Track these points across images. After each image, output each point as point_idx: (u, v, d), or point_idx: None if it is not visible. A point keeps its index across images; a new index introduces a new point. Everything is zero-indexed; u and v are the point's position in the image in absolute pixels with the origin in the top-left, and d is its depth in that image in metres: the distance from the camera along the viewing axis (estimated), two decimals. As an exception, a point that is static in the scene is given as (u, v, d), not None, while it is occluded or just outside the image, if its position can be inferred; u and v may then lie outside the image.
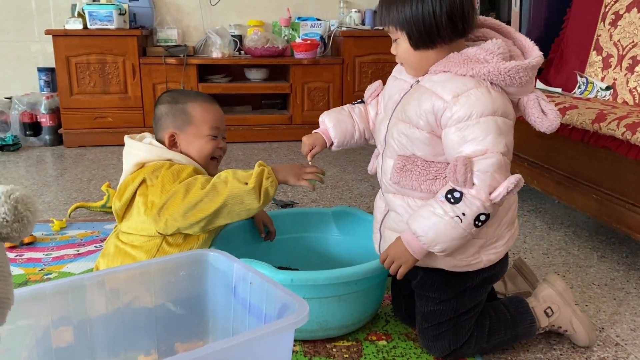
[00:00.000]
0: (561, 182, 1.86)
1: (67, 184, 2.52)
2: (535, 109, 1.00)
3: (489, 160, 0.93)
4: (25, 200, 0.59)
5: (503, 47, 0.99)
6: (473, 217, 0.95)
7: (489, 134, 0.94)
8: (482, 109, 0.94)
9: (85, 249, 1.74)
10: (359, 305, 1.20)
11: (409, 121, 1.03)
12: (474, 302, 1.12)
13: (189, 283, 1.08)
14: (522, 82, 0.98)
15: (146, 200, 1.18)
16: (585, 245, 1.81)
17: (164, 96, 1.31)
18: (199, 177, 1.18)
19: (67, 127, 3.27)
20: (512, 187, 0.94)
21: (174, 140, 1.26)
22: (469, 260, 1.06)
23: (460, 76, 0.98)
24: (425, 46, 1.02)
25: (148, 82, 3.27)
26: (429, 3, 0.98)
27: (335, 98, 3.47)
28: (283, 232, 1.48)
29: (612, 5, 2.24)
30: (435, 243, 0.98)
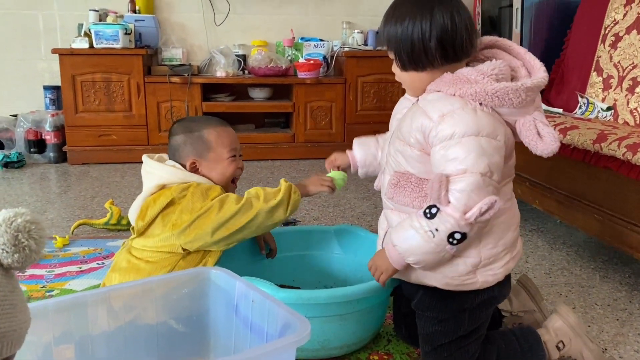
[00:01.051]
0: (562, 202, 1.87)
1: (70, 201, 2.53)
2: (530, 132, 0.99)
3: (466, 180, 0.94)
4: (28, 227, 0.57)
5: (499, 69, 1.00)
6: (446, 234, 0.96)
7: (469, 153, 0.94)
8: (465, 129, 0.95)
9: (87, 266, 1.74)
10: (360, 324, 1.20)
11: (403, 139, 1.05)
12: (474, 325, 1.10)
13: (191, 300, 1.08)
14: (514, 104, 0.97)
15: (172, 218, 1.19)
16: (588, 265, 1.81)
17: (177, 127, 1.34)
18: (231, 194, 1.22)
19: (71, 144, 3.29)
20: (485, 208, 0.93)
21: (195, 167, 1.29)
22: (462, 279, 1.04)
23: (449, 96, 1.00)
24: (413, 68, 1.04)
25: (152, 101, 3.30)
26: (419, 25, 1.00)
27: (337, 117, 3.49)
28: (285, 250, 1.48)
29: (612, 28, 2.27)
30: (409, 254, 1.00)
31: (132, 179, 2.97)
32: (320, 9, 3.81)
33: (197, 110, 3.34)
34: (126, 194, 2.64)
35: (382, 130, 1.27)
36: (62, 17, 3.55)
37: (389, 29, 1.04)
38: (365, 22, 3.81)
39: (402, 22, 1.02)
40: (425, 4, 1.01)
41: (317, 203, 2.51)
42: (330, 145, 3.50)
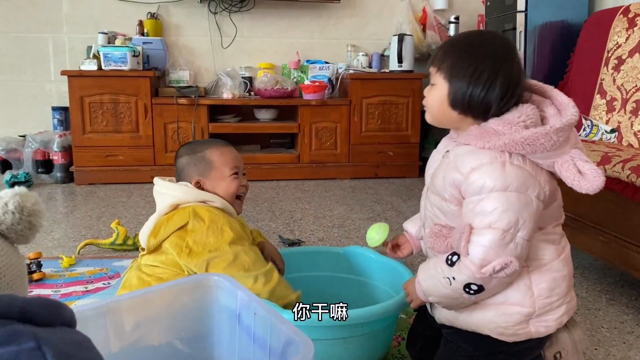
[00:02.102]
0: (567, 224, 1.85)
1: (76, 221, 2.55)
2: (570, 172, 0.95)
3: (487, 235, 0.94)
4: (37, 211, 0.62)
5: (526, 114, 0.97)
6: (462, 284, 0.96)
7: (495, 209, 0.94)
8: (492, 184, 0.94)
9: (93, 285, 1.75)
10: (365, 348, 1.20)
11: (438, 194, 1.05)
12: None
13: (193, 308, 1.08)
14: (547, 147, 0.94)
15: (183, 243, 1.21)
16: (594, 288, 1.80)
17: (182, 149, 1.39)
18: (250, 253, 1.21)
19: (78, 164, 3.32)
20: (498, 268, 0.93)
21: (199, 186, 1.32)
22: (515, 329, 1.02)
23: (479, 149, 0.98)
24: (457, 109, 1.02)
25: (159, 122, 3.34)
26: (481, 85, 0.98)
27: (342, 138, 3.52)
28: (293, 271, 1.48)
29: (615, 50, 2.29)
30: (429, 293, 1.04)
31: (138, 199, 2.98)
32: (326, 32, 3.86)
33: (204, 131, 3.37)
34: (132, 214, 2.66)
35: (386, 150, 1.28)
36: (71, 40, 3.62)
37: (454, 62, 1.01)
38: (370, 45, 3.86)
39: (471, 66, 0.99)
40: (500, 59, 0.99)
41: (321, 224, 2.52)
42: (335, 166, 3.52)
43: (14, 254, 0.60)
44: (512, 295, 1.00)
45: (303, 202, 2.94)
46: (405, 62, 3.55)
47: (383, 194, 3.13)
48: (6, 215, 0.59)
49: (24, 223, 0.59)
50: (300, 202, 2.93)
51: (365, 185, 3.37)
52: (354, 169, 3.55)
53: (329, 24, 3.85)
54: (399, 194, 3.15)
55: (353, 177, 3.55)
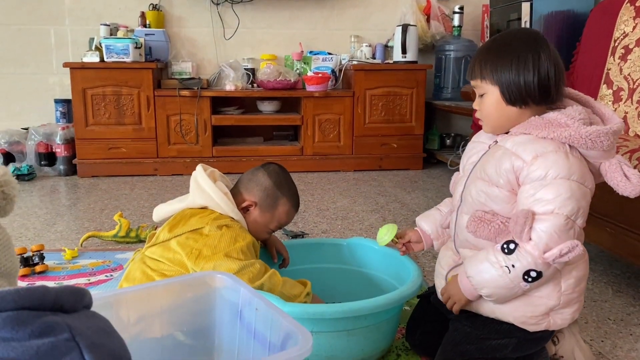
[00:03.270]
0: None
1: (79, 214, 2.54)
2: (617, 174, 1.01)
3: (552, 220, 0.96)
4: (8, 181, 0.64)
5: (584, 114, 1.03)
6: (522, 271, 0.98)
7: (559, 195, 0.96)
8: (558, 171, 0.97)
9: (96, 278, 1.74)
10: (369, 340, 1.18)
11: (489, 179, 1.06)
12: (515, 354, 1.09)
13: (196, 304, 1.07)
14: (604, 147, 1.00)
15: (195, 245, 1.20)
16: (600, 280, 1.78)
17: (275, 172, 1.36)
18: (257, 264, 1.20)
19: (81, 157, 3.32)
20: (565, 251, 0.95)
21: (248, 207, 1.33)
22: (538, 319, 1.06)
23: (540, 139, 1.01)
24: (512, 104, 1.06)
25: (162, 114, 3.33)
26: (530, 64, 1.02)
27: (346, 130, 3.50)
28: (297, 263, 1.47)
29: (622, 40, 2.26)
30: (482, 286, 1.03)
31: (141, 191, 2.98)
32: (329, 23, 3.83)
33: (206, 123, 3.36)
34: (135, 207, 2.65)
35: (390, 142, 1.27)
36: (73, 32, 3.60)
37: (494, 65, 1.05)
38: (373, 35, 3.83)
39: (512, 59, 1.03)
40: (534, 44, 1.04)
41: (325, 216, 2.51)
42: (339, 158, 3.50)
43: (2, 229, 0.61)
44: (543, 288, 1.03)
45: (306, 194, 2.93)
46: (409, 52, 3.52)
47: (387, 186, 3.12)
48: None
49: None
50: (303, 195, 2.91)
51: (368, 177, 3.35)
52: (358, 161, 3.53)
53: (332, 15, 3.82)
54: (403, 186, 3.13)
55: (356, 169, 3.53)
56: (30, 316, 0.46)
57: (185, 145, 3.38)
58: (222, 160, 3.39)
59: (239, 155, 3.45)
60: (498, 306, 1.06)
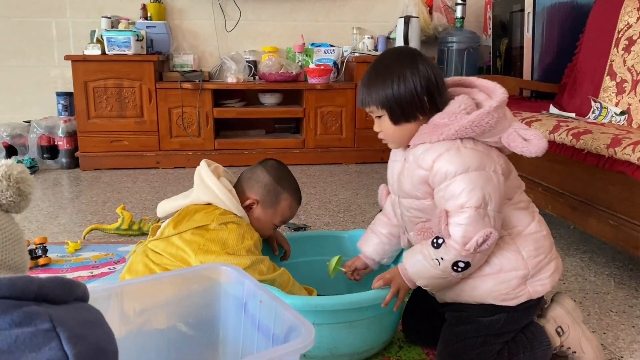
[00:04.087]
0: (576, 208, 1.84)
1: (82, 207, 2.55)
2: (517, 141, 1.05)
3: (463, 214, 1.02)
4: (25, 179, 0.64)
5: (464, 103, 1.07)
6: (450, 263, 1.04)
7: (462, 190, 1.02)
8: (453, 169, 1.03)
9: (99, 270, 1.75)
10: (371, 332, 1.19)
11: (410, 196, 1.13)
12: (508, 328, 1.12)
13: (201, 297, 1.07)
14: (492, 124, 1.04)
15: (201, 240, 1.20)
16: (602, 272, 1.78)
17: (273, 168, 1.37)
18: (266, 261, 1.22)
19: (83, 150, 3.32)
20: (481, 240, 1.01)
21: (251, 205, 1.33)
22: (515, 292, 1.10)
23: (434, 144, 1.07)
24: (405, 121, 1.11)
25: (164, 107, 3.32)
26: (410, 80, 1.08)
27: (347, 122, 3.49)
28: (299, 255, 1.47)
29: (625, 31, 2.25)
30: (417, 277, 1.10)
31: (143, 184, 2.98)
32: (331, 15, 3.81)
33: (208, 115, 3.36)
34: (137, 200, 2.65)
35: None
36: (75, 25, 3.59)
37: (377, 90, 1.11)
38: (376, 27, 3.81)
39: (392, 80, 1.09)
40: (407, 59, 1.10)
41: (327, 208, 2.51)
42: (341, 151, 3.50)
43: (5, 218, 0.61)
44: (506, 263, 1.09)
45: (308, 187, 2.93)
46: (412, 44, 3.50)
47: (389, 179, 3.12)
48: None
49: (12, 189, 0.61)
50: (305, 187, 2.91)
51: (371, 169, 3.35)
52: (360, 154, 3.53)
53: (334, 7, 3.80)
54: (405, 179, 3.12)
55: (359, 162, 3.53)
56: (12, 305, 0.47)
57: (187, 138, 3.37)
58: (224, 153, 3.39)
59: (241, 148, 3.45)
60: (476, 292, 1.11)
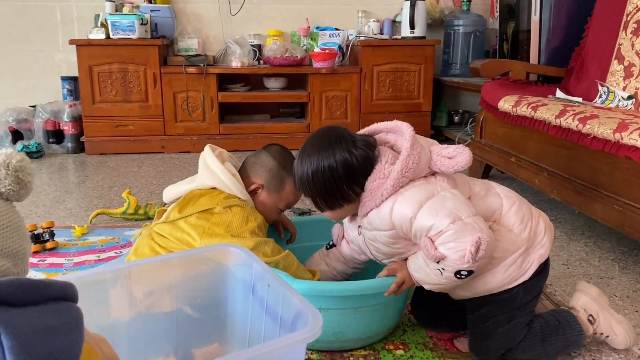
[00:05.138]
0: (582, 192, 1.84)
1: (88, 191, 2.56)
2: (444, 163, 1.07)
3: (444, 234, 1.01)
4: (23, 166, 0.64)
5: (384, 157, 1.08)
6: (452, 273, 1.03)
7: (429, 221, 1.02)
8: (409, 212, 1.03)
9: (105, 254, 1.77)
10: (376, 318, 1.19)
11: (387, 252, 1.15)
12: (528, 297, 1.14)
13: (208, 278, 1.09)
14: (417, 162, 1.05)
15: (206, 224, 1.21)
16: (607, 257, 1.78)
17: (278, 152, 1.37)
18: (270, 242, 1.23)
19: (89, 134, 3.33)
20: (474, 249, 0.99)
21: (256, 190, 1.34)
22: (524, 268, 1.12)
23: (379, 206, 1.07)
24: (339, 207, 1.12)
25: (168, 91, 3.32)
26: (328, 180, 1.07)
27: (353, 107, 3.48)
28: (304, 240, 1.48)
29: (634, 15, 2.22)
30: (422, 282, 1.10)
31: (149, 169, 2.99)
32: (336, -3, 3.78)
33: (213, 100, 3.35)
34: (143, 184, 2.67)
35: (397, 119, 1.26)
36: (79, 9, 3.58)
37: (304, 189, 1.12)
38: (381, 11, 3.77)
39: (314, 179, 1.08)
40: (325, 148, 1.08)
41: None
42: (346, 135, 3.48)
43: (4, 206, 0.61)
44: (505, 249, 1.10)
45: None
46: (418, 28, 3.48)
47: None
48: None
49: (10, 178, 0.62)
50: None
51: (376, 154, 3.34)
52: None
53: (339, -10, 3.76)
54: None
55: (364, 146, 3.52)
56: None
57: (192, 122, 3.37)
58: (229, 138, 3.39)
59: (246, 132, 3.45)
60: (488, 285, 1.12)
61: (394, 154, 1.10)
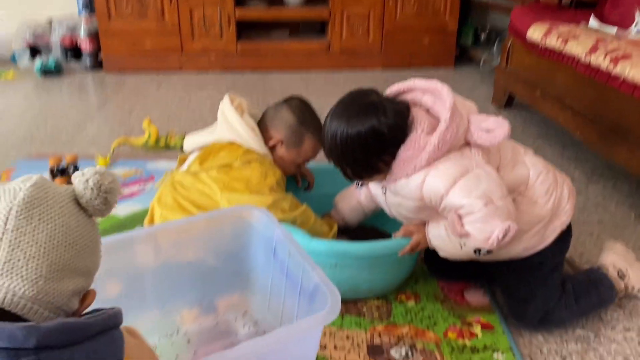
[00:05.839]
0: (605, 136, 1.80)
1: (109, 115, 2.58)
2: (482, 136, 1.04)
3: (474, 215, 1.01)
4: (113, 187, 0.66)
5: (420, 125, 1.04)
6: (472, 249, 1.06)
7: (461, 201, 1.01)
8: (442, 186, 1.02)
9: (129, 189, 1.82)
10: (390, 273, 1.24)
11: (409, 217, 1.16)
12: (557, 259, 1.17)
13: (232, 232, 1.13)
14: (454, 135, 1.02)
15: (226, 178, 1.23)
16: (624, 202, 1.78)
17: (298, 108, 1.36)
18: (288, 197, 1.24)
19: (106, 52, 3.29)
20: (501, 236, 1.01)
21: (275, 145, 1.34)
22: (547, 235, 1.13)
23: (410, 177, 1.05)
24: (369, 177, 1.12)
25: (185, 7, 3.21)
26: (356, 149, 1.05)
27: (375, 25, 3.34)
28: (321, 187, 1.49)
29: (685, -64, 2.04)
30: (439, 249, 1.14)
31: (167, 91, 2.98)
32: None
33: (230, 17, 3.24)
34: (162, 108, 2.67)
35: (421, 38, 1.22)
36: None
37: (351, 166, 1.10)
38: None
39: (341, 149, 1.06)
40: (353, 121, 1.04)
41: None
42: (367, 55, 3.39)
43: (88, 225, 0.63)
44: (528, 222, 1.10)
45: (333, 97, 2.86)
46: (447, -62, 3.24)
47: (415, 87, 3.05)
48: (86, 190, 0.63)
49: (100, 199, 0.63)
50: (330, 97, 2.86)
51: (398, 76, 3.25)
52: (387, 58, 3.42)
53: None
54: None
55: (385, 67, 3.43)
56: (9, 356, 0.48)
57: (209, 40, 3.29)
58: (247, 56, 3.33)
59: (264, 51, 3.37)
60: (511, 252, 1.13)
61: (430, 120, 1.05)
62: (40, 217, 0.57)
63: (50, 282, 0.55)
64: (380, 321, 1.21)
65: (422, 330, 1.18)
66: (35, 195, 0.58)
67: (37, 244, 0.55)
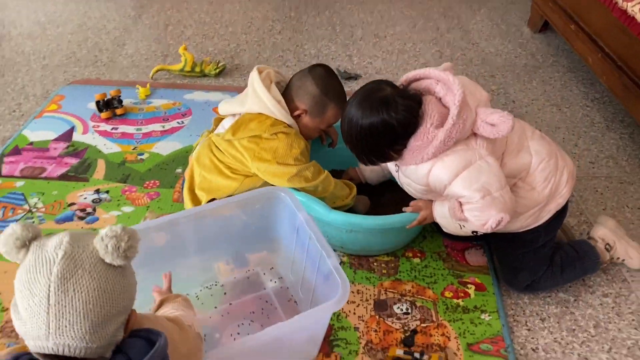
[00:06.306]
0: (630, 88, 1.82)
1: (145, 31, 2.65)
2: (486, 129, 1.13)
3: (472, 204, 1.14)
4: (131, 247, 0.74)
5: (430, 118, 1.12)
6: (470, 231, 1.20)
7: (462, 191, 1.13)
8: (446, 177, 1.14)
9: (169, 125, 1.97)
10: (400, 236, 1.41)
11: (417, 195, 1.29)
12: (549, 235, 1.31)
13: (263, 197, 1.31)
14: (461, 129, 1.11)
15: (257, 148, 1.36)
16: (637, 155, 1.84)
17: (321, 78, 1.42)
18: (312, 166, 1.37)
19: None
20: (495, 225, 1.13)
21: (300, 114, 1.43)
22: (541, 216, 1.26)
23: (419, 165, 1.17)
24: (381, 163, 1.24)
25: None
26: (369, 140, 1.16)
27: None
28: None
29: None
30: (443, 226, 1.28)
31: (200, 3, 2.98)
32: None
33: None
34: (197, 23, 2.71)
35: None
36: None
37: (366, 154, 1.20)
38: None
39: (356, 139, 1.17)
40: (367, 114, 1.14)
41: (381, 47, 2.51)
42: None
43: (118, 275, 0.74)
44: (525, 205, 1.23)
45: (365, 12, 2.86)
46: None
47: (451, 1, 2.96)
48: (107, 254, 0.73)
49: (120, 257, 0.73)
50: (362, 12, 2.85)
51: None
52: None
53: None
54: (469, 2, 2.96)
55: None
56: None
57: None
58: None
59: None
60: (507, 229, 1.27)
61: (439, 112, 1.13)
62: (74, 288, 0.69)
63: (95, 334, 0.69)
64: (388, 277, 1.40)
65: (422, 287, 1.38)
66: (67, 268, 0.69)
67: (76, 312, 0.68)
